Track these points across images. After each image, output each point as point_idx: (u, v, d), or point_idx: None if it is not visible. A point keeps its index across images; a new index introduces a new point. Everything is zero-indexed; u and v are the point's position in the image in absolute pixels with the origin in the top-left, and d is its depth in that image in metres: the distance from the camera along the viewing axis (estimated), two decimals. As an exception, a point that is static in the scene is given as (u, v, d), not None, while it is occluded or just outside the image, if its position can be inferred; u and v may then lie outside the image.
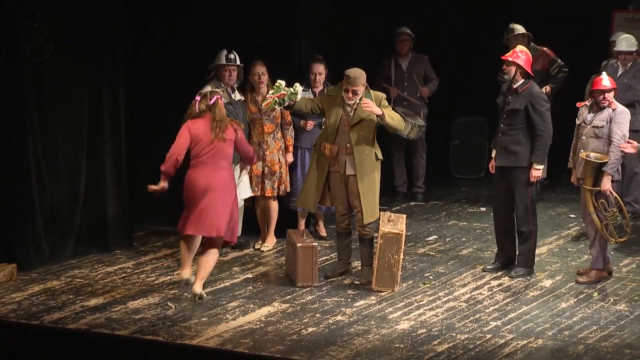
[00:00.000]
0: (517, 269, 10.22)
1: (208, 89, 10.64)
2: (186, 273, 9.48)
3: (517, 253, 10.30)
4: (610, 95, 9.81)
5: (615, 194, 9.76)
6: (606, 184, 9.72)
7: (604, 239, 9.87)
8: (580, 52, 13.30)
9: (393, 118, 9.72)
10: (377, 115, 9.63)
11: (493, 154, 10.29)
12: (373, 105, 9.63)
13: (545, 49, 12.66)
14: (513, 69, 10.00)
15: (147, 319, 9.03)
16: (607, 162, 9.70)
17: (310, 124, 10.91)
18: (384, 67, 12.91)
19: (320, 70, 10.97)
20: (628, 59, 12.04)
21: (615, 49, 12.18)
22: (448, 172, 14.30)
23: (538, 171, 9.98)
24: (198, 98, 9.51)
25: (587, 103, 9.99)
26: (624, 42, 12.07)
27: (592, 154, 9.77)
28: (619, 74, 11.93)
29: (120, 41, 10.79)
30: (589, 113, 9.91)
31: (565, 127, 10.47)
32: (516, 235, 10.26)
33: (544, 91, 12.48)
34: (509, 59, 10.03)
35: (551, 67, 12.71)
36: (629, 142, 9.59)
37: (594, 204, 9.80)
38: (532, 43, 12.67)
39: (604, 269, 10.01)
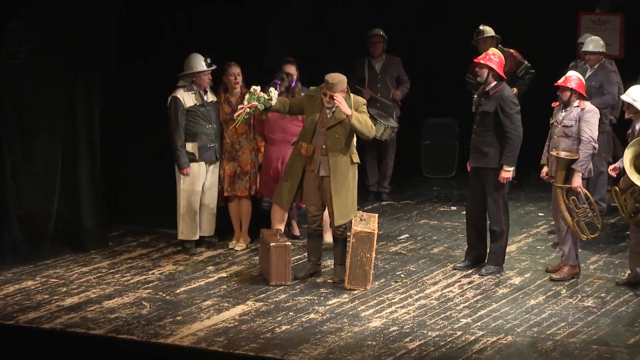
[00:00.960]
0: (487, 267, 10.36)
1: (180, 91, 10.73)
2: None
3: (487, 251, 10.43)
4: (565, 94, 9.94)
5: (585, 191, 9.91)
6: (577, 181, 9.87)
7: (575, 235, 10.02)
8: (548, 54, 13.43)
9: (361, 122, 9.77)
10: (346, 115, 9.73)
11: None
12: (344, 103, 9.72)
13: (512, 50, 12.78)
14: (485, 71, 10.11)
15: (122, 318, 9.09)
16: (577, 159, 9.86)
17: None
18: (358, 69, 12.99)
19: (292, 71, 11.03)
20: (593, 60, 12.15)
21: (582, 49, 12.31)
22: (419, 172, 14.38)
23: (508, 173, 10.10)
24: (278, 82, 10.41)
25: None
26: (591, 43, 12.21)
27: (563, 152, 9.92)
28: (587, 75, 12.05)
29: (97, 46, 10.83)
30: (561, 112, 10.05)
31: (533, 128, 10.59)
32: (487, 233, 10.40)
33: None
34: (482, 61, 10.14)
35: (518, 68, 12.82)
36: (614, 168, 9.76)
37: (565, 201, 9.95)
38: (499, 45, 12.81)
39: (576, 265, 10.16)
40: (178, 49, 10.97)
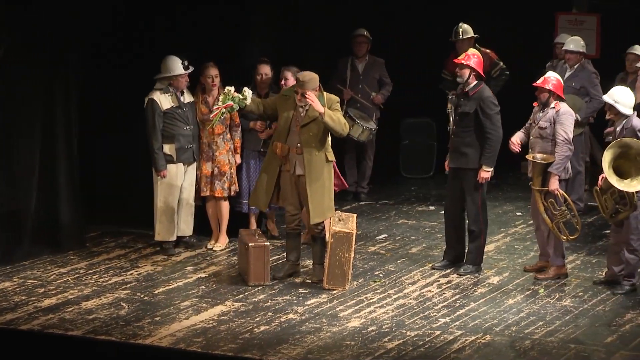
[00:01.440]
0: (465, 267, 10.39)
1: (157, 94, 10.71)
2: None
3: (465, 250, 10.46)
4: (543, 95, 9.98)
5: (563, 193, 9.95)
6: (553, 184, 9.91)
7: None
8: (525, 54, 13.49)
9: (334, 120, 9.79)
10: (319, 113, 9.75)
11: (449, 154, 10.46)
12: (316, 101, 9.74)
13: (488, 51, 12.81)
14: (467, 72, 10.13)
15: (100, 319, 9.07)
16: (553, 162, 9.89)
17: (260, 125, 10.97)
18: (340, 68, 12.98)
19: (266, 72, 11.01)
20: (573, 60, 12.17)
21: (563, 48, 12.33)
22: (397, 172, 14.42)
23: (487, 173, 10.14)
24: None
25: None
26: (572, 43, 12.20)
27: (539, 155, 9.96)
28: (566, 76, 12.09)
29: (74, 46, 10.80)
30: (539, 113, 10.09)
31: (511, 128, 10.62)
32: (466, 233, 10.44)
33: None
34: (463, 62, 10.15)
35: (493, 69, 12.86)
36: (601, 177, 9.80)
37: (543, 204, 9.99)
38: (476, 44, 12.86)
39: (563, 265, 10.20)
40: (156, 49, 10.95)
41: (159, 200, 10.76)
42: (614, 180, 9.48)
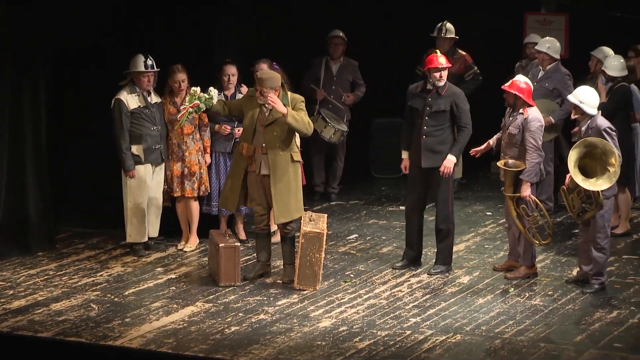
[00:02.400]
0: (436, 267, 10.41)
1: (124, 94, 10.69)
2: None
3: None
4: (509, 97, 10.02)
5: (535, 199, 9.99)
6: (525, 191, 9.95)
7: None
8: (494, 54, 13.55)
9: (297, 120, 9.79)
10: (282, 114, 9.75)
11: (405, 155, 10.44)
12: (278, 102, 9.74)
13: (464, 53, 12.91)
14: (446, 74, 10.21)
15: (70, 320, 9.04)
16: (524, 169, 9.93)
17: (225, 128, 10.96)
18: (314, 68, 12.98)
19: (232, 72, 11.01)
20: (548, 61, 12.18)
21: (536, 47, 12.33)
22: (368, 172, 14.45)
23: (451, 163, 10.16)
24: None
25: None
26: (548, 43, 12.17)
27: (510, 161, 9.99)
28: (539, 76, 12.13)
29: (43, 46, 10.75)
30: (509, 117, 10.12)
31: (481, 129, 10.66)
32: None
33: None
34: (444, 65, 10.17)
35: (466, 72, 12.92)
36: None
37: (516, 210, 10.05)
38: (454, 46, 12.92)
39: (532, 265, 10.25)
40: (126, 51, 10.91)
41: (128, 201, 10.73)
42: (579, 180, 9.54)
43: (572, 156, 9.55)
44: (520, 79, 10.10)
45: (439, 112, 10.18)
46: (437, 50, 10.56)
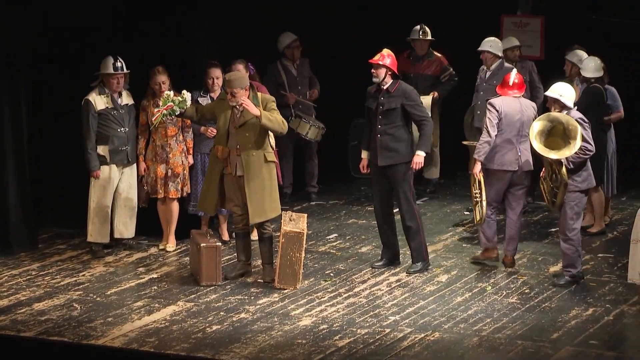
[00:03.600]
0: (413, 265, 10.50)
1: (93, 94, 10.74)
2: None
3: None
4: None
5: (479, 178, 10.22)
6: (475, 167, 10.24)
7: (484, 221, 10.37)
8: (470, 56, 13.63)
9: (271, 120, 9.85)
10: (255, 116, 9.83)
11: (364, 155, 10.54)
12: (251, 105, 9.82)
13: (440, 55, 13.00)
14: (382, 71, 10.29)
15: (52, 320, 9.09)
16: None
17: (212, 131, 11.01)
18: (273, 73, 12.93)
19: (217, 75, 11.04)
20: (490, 59, 12.29)
21: (478, 49, 12.44)
22: (347, 172, 14.51)
23: (421, 158, 10.27)
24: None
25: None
26: (489, 42, 12.34)
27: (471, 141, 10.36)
28: (486, 76, 12.27)
29: (23, 46, 10.79)
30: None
31: (459, 129, 10.78)
32: (404, 231, 10.51)
33: (432, 96, 12.84)
34: (379, 62, 10.29)
35: (442, 74, 13.03)
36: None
37: (471, 186, 10.30)
38: (430, 48, 13.01)
39: (489, 248, 10.47)
40: (102, 52, 10.95)
41: (92, 201, 10.77)
42: (540, 149, 9.65)
43: (535, 127, 9.71)
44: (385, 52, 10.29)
45: (390, 110, 10.28)
46: (386, 49, 10.61)
